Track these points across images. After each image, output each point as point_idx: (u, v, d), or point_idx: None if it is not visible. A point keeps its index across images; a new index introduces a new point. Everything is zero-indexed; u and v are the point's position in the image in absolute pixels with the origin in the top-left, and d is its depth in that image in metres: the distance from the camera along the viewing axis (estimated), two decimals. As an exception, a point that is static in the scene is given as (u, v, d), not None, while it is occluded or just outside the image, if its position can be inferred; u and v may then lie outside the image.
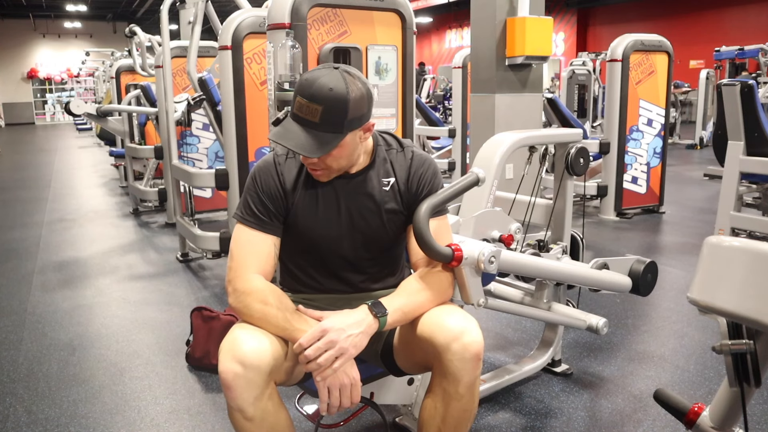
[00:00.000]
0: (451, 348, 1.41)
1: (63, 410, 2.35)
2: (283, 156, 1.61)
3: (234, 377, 1.35)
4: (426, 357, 1.49)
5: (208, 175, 3.72)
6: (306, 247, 1.64)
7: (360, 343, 1.41)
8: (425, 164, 1.63)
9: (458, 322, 1.45)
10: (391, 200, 1.61)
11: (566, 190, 2.39)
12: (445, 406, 1.48)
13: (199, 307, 2.74)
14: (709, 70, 10.18)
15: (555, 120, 5.95)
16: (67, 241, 5.04)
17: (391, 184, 1.61)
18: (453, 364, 1.42)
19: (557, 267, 2.15)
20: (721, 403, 1.34)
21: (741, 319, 1.13)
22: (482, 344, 1.44)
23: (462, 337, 1.42)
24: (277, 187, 1.57)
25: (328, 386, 1.40)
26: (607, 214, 5.40)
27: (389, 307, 1.46)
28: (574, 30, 19.37)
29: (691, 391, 2.40)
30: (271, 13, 2.73)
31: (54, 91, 23.95)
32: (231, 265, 1.53)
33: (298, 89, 1.46)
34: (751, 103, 3.68)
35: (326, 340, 1.38)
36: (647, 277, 2.27)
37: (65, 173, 9.35)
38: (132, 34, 6.42)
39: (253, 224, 1.56)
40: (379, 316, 1.44)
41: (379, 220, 1.61)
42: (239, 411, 1.39)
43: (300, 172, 1.60)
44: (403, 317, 1.48)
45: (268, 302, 1.46)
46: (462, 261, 1.55)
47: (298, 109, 1.45)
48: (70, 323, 3.23)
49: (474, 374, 1.45)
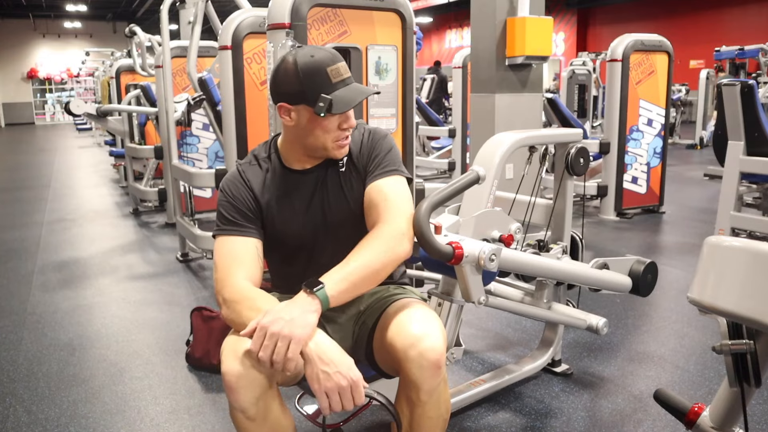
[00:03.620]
0: (408, 355, 1.36)
1: (63, 410, 2.35)
2: (246, 163, 1.64)
3: (237, 378, 1.34)
4: (393, 361, 1.44)
5: (208, 175, 3.71)
6: (288, 250, 1.64)
7: (305, 322, 1.31)
8: (374, 131, 1.66)
9: (418, 327, 1.39)
10: (349, 179, 1.61)
11: (566, 190, 2.39)
12: (410, 412, 1.45)
13: (199, 307, 2.74)
14: (709, 70, 10.19)
15: (555, 120, 5.95)
16: (67, 241, 5.04)
17: (345, 162, 1.61)
18: (412, 371, 1.37)
19: (558, 266, 2.15)
20: (721, 403, 1.34)
21: (741, 319, 1.13)
22: (441, 351, 1.37)
23: (419, 343, 1.36)
24: (247, 192, 1.59)
25: (325, 391, 1.30)
26: (607, 214, 5.40)
27: (328, 281, 1.38)
28: (574, 30, 19.38)
29: (691, 391, 2.40)
30: (271, 13, 2.73)
31: (54, 91, 23.97)
32: (217, 276, 1.50)
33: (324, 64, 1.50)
34: (751, 103, 3.68)
35: (268, 336, 1.30)
36: (647, 278, 2.27)
37: (65, 173, 9.36)
38: (132, 34, 6.42)
39: (231, 231, 1.55)
40: (315, 291, 1.36)
41: (347, 203, 1.61)
42: (241, 411, 1.38)
43: (266, 175, 1.62)
44: (351, 287, 1.40)
45: (256, 308, 1.40)
46: (463, 259, 1.55)
47: (338, 74, 1.50)
48: (70, 323, 3.23)
49: (433, 382, 1.39)
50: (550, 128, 5.45)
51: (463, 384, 2.30)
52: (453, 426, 2.15)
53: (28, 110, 23.67)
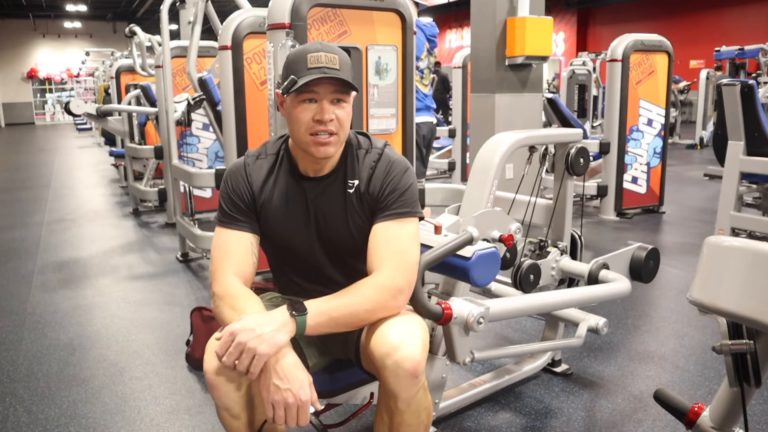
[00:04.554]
0: (385, 363, 1.34)
1: (63, 410, 2.35)
2: (254, 156, 1.61)
3: (216, 375, 1.35)
4: (374, 369, 1.43)
5: (208, 175, 3.71)
6: (283, 254, 1.63)
7: (274, 341, 1.30)
8: (391, 165, 1.54)
9: (397, 334, 1.36)
10: (354, 204, 1.55)
11: (566, 190, 2.39)
12: (390, 419, 1.45)
13: (199, 307, 2.74)
14: (709, 70, 10.18)
15: (555, 120, 5.95)
16: (67, 241, 5.04)
17: (356, 186, 1.55)
18: (389, 380, 1.35)
19: (551, 300, 2.09)
20: (721, 403, 1.34)
21: (741, 319, 1.13)
22: (418, 360, 1.34)
23: (395, 352, 1.33)
24: (246, 186, 1.57)
25: (271, 402, 1.31)
26: (607, 214, 5.40)
27: (312, 309, 1.37)
28: (574, 30, 19.38)
29: (691, 391, 2.40)
30: (271, 13, 2.73)
31: (54, 91, 23.96)
32: (211, 269, 1.52)
33: (307, 51, 1.46)
34: (751, 103, 3.68)
35: (234, 344, 1.30)
36: (649, 264, 2.26)
37: (65, 173, 9.36)
38: (132, 34, 6.42)
39: (227, 224, 1.55)
40: (296, 315, 1.35)
41: (345, 227, 1.56)
42: (226, 409, 1.39)
43: (271, 171, 1.58)
44: (331, 322, 1.38)
45: (236, 308, 1.41)
46: (451, 320, 1.55)
47: (317, 61, 1.44)
48: (70, 323, 3.23)
49: (410, 391, 1.37)
50: (550, 128, 5.45)
51: (463, 384, 2.30)
52: (453, 426, 2.15)
53: (28, 110, 23.67)
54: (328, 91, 1.46)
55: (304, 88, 1.45)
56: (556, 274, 2.34)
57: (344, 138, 1.54)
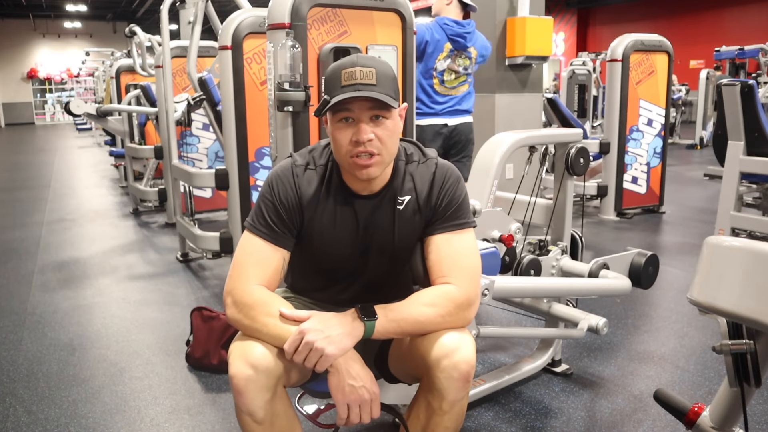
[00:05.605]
0: (440, 364, 1.36)
1: (63, 410, 2.35)
2: (302, 167, 1.51)
3: (246, 381, 1.33)
4: (417, 368, 1.43)
5: (208, 175, 3.71)
6: (319, 268, 1.59)
7: (342, 344, 1.33)
8: (448, 173, 1.53)
9: (452, 338, 1.38)
10: (405, 218, 1.52)
11: (566, 190, 2.39)
12: (427, 420, 1.43)
13: (199, 307, 2.74)
14: (709, 70, 10.18)
15: (555, 120, 5.95)
16: (67, 241, 5.04)
17: (406, 202, 1.51)
18: (440, 380, 1.36)
19: (554, 285, 2.13)
20: (721, 403, 1.34)
21: (741, 319, 1.13)
22: (473, 364, 1.38)
23: (453, 354, 1.35)
24: (295, 199, 1.48)
25: (347, 403, 1.34)
26: (607, 214, 5.40)
27: (382, 315, 1.37)
28: (574, 30, 19.39)
29: (691, 391, 2.40)
30: (271, 13, 2.73)
31: (54, 91, 23.97)
32: (232, 273, 1.45)
33: (342, 67, 1.40)
34: (751, 103, 3.68)
35: (303, 343, 1.32)
36: (648, 270, 2.27)
37: (65, 173, 9.36)
38: (132, 34, 6.42)
39: (265, 235, 1.47)
40: (365, 320, 1.36)
41: (391, 239, 1.53)
42: (249, 414, 1.37)
43: (320, 187, 1.50)
44: (398, 329, 1.39)
45: (275, 315, 1.39)
46: None
47: (351, 77, 1.38)
48: (70, 323, 3.23)
49: (460, 393, 1.38)
50: (550, 128, 5.45)
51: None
52: (453, 426, 2.15)
53: (28, 110, 23.68)
54: (364, 108, 1.39)
55: (338, 107, 1.39)
56: (556, 273, 2.34)
57: (390, 156, 1.46)
